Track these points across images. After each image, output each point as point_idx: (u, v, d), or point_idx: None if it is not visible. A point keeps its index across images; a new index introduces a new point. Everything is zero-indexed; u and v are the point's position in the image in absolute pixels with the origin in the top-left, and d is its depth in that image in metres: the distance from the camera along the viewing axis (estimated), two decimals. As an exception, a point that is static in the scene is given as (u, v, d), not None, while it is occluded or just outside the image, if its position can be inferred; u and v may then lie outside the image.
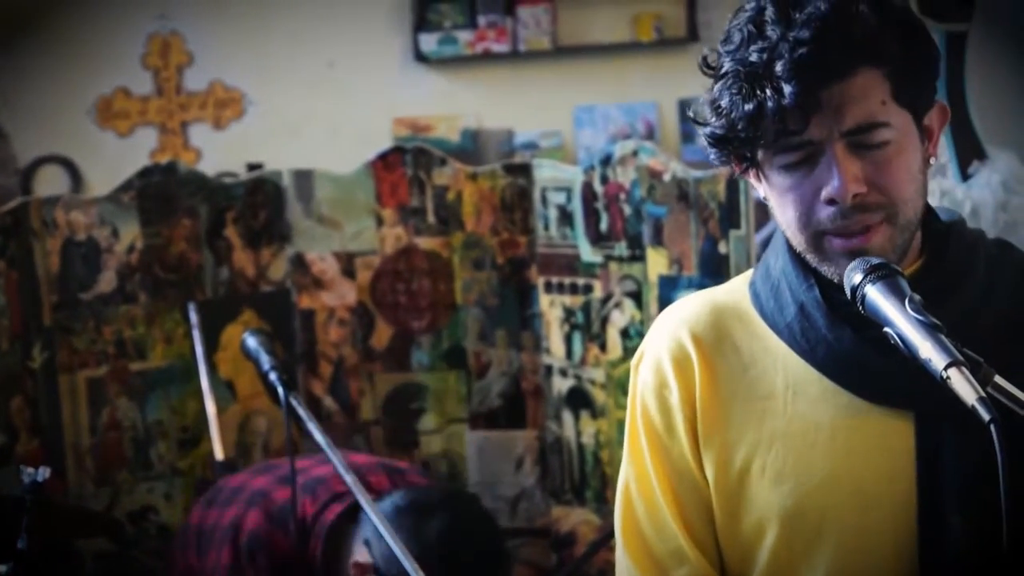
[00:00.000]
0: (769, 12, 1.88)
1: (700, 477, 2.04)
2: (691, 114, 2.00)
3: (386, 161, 4.79)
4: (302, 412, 3.23)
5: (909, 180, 1.93)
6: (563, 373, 4.68)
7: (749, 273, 2.13)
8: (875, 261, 1.86)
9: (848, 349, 1.96)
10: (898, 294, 1.82)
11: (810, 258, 1.96)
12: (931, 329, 1.77)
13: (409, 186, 4.78)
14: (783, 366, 2.01)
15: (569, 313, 4.65)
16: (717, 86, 1.91)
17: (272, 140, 7.03)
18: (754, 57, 1.85)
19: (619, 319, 4.49)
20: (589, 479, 4.64)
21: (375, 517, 2.94)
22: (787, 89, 1.82)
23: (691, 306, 2.11)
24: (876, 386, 1.96)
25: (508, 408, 4.81)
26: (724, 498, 2.03)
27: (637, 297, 4.44)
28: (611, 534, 2.19)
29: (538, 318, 4.73)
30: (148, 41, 7.22)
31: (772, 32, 1.86)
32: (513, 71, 6.96)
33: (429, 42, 6.86)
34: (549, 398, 4.73)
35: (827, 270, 1.95)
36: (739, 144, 1.91)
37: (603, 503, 4.56)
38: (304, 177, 4.80)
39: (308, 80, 7.11)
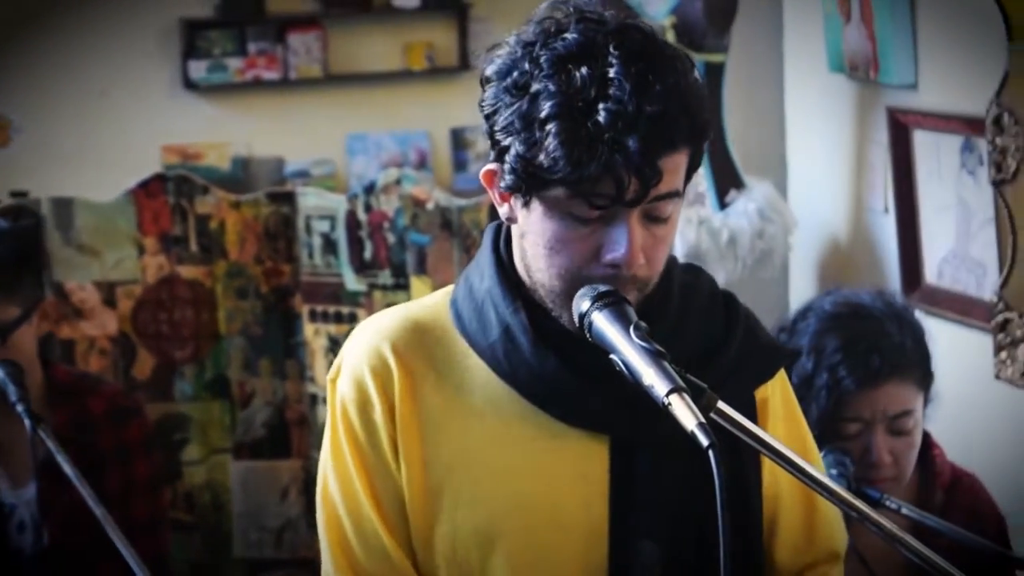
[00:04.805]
0: (616, 69, 1.82)
1: (403, 489, 2.01)
2: (493, 130, 1.90)
3: (148, 189, 4.75)
4: (51, 444, 3.15)
5: (667, 254, 1.96)
6: (328, 402, 4.66)
7: (448, 290, 2.10)
8: (602, 289, 1.87)
9: (550, 374, 1.95)
10: (623, 321, 1.83)
11: (556, 301, 1.94)
12: (654, 356, 1.79)
13: (171, 214, 4.73)
14: (482, 386, 2.00)
15: (334, 342, 4.64)
16: (540, 124, 1.84)
17: (40, 169, 6.86)
18: (602, 118, 1.80)
19: (383, 348, 4.50)
20: (354, 508, 4.62)
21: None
22: (638, 161, 1.80)
23: (390, 321, 2.07)
24: (574, 410, 1.97)
25: (273, 438, 4.78)
26: (418, 514, 2.01)
27: (401, 325, 4.45)
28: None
29: (303, 347, 4.71)
30: (-92, 66, 7.03)
31: (624, 95, 1.81)
32: (284, 99, 6.89)
33: (198, 69, 6.76)
34: (314, 427, 4.71)
35: (565, 317, 1.93)
36: (548, 185, 1.86)
37: (368, 532, 4.54)
38: (63, 205, 4.73)
39: (78, 108, 6.96)
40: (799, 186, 5.52)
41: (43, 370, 3.60)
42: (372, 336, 2.05)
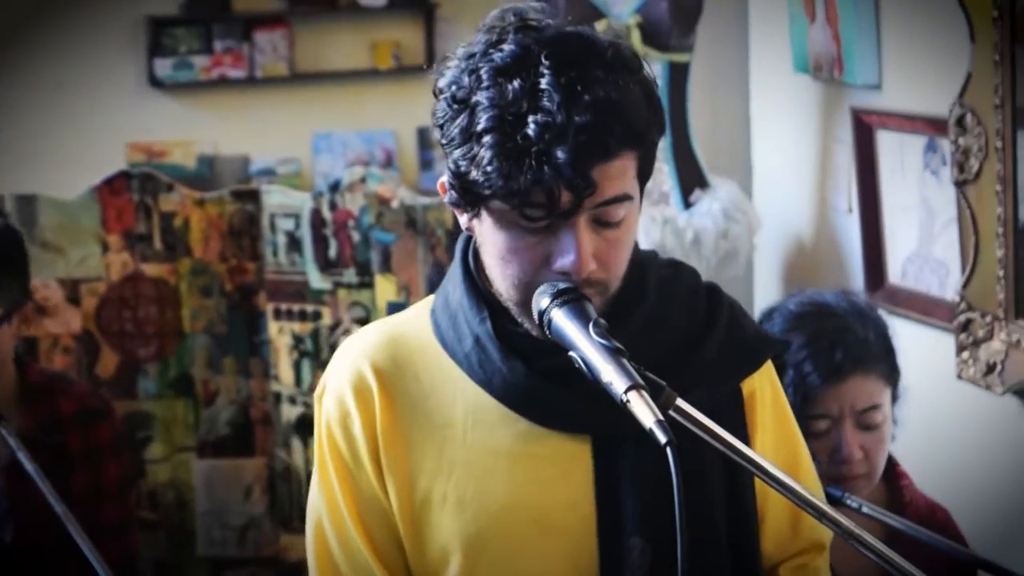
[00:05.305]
0: (547, 80, 1.82)
1: (388, 505, 2.03)
2: (442, 142, 1.92)
3: (112, 186, 4.72)
4: (12, 442, 3.13)
5: (628, 256, 1.95)
6: (292, 400, 4.66)
7: (430, 300, 2.12)
8: (562, 286, 1.87)
9: (521, 380, 1.97)
10: (583, 318, 1.83)
11: (515, 310, 1.95)
12: (613, 353, 1.79)
13: (136, 212, 4.71)
14: (462, 394, 2.01)
15: (298, 340, 4.63)
16: (476, 137, 1.84)
17: (4, 166, 6.85)
18: (531, 130, 1.81)
19: (348, 346, 4.50)
20: (318, 507, 4.62)
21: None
22: (567, 173, 1.80)
23: (370, 337, 2.09)
24: (552, 413, 1.98)
25: (236, 436, 4.77)
26: (408, 526, 2.02)
27: (366, 324, 4.44)
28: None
29: (267, 345, 4.70)
30: None
31: (553, 107, 1.81)
32: (250, 97, 6.90)
33: (164, 67, 6.76)
34: (278, 426, 4.71)
35: (528, 323, 1.94)
36: (487, 198, 1.88)
37: (332, 531, 4.54)
38: (27, 202, 4.70)
39: (42, 105, 6.95)
40: (764, 186, 5.53)
41: (18, 370, 3.58)
42: (352, 354, 2.08)
